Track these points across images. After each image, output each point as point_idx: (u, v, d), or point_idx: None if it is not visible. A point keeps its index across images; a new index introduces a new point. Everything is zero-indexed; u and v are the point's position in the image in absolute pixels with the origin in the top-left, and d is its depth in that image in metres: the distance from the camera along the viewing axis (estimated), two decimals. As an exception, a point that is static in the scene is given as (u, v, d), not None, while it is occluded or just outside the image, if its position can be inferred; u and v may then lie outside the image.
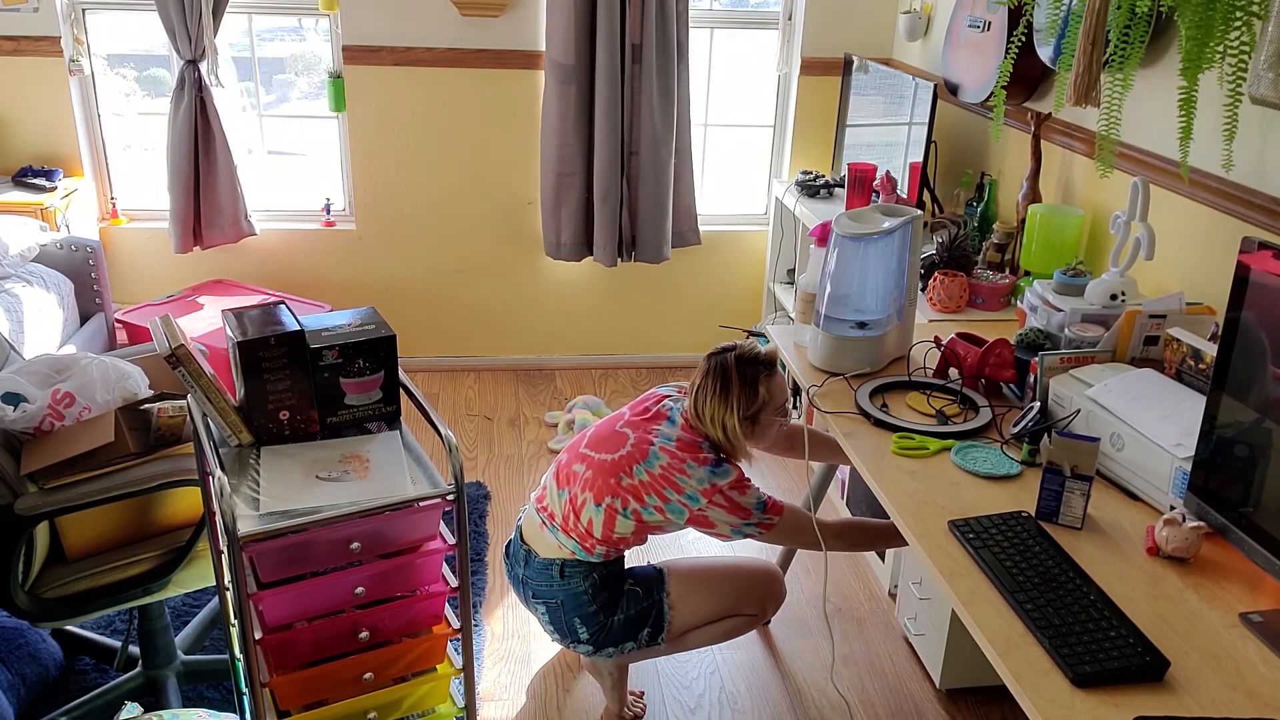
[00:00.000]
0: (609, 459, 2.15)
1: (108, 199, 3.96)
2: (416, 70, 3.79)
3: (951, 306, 2.72)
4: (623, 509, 2.11)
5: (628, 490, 2.11)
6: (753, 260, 4.22)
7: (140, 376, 2.17)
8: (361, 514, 1.58)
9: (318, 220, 4.05)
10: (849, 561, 3.02)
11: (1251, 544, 1.51)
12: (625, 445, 2.15)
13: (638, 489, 2.11)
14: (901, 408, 2.13)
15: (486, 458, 3.56)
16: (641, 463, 2.12)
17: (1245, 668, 1.41)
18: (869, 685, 2.53)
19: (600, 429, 2.23)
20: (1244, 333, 1.54)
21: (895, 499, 1.79)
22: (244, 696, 2.09)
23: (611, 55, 3.62)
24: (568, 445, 2.29)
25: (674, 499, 2.10)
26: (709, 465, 2.10)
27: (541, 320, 4.24)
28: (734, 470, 2.12)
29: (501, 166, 3.97)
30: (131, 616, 2.39)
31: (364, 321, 1.81)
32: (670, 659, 2.59)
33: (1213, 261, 2.27)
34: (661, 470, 2.10)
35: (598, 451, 2.18)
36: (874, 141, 3.54)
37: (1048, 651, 1.41)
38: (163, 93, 4.33)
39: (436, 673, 1.79)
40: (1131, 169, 2.51)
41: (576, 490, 2.17)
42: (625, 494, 2.11)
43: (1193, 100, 1.96)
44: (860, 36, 3.92)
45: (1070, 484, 1.71)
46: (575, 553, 2.17)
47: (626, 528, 2.13)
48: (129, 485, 1.96)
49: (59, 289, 3.41)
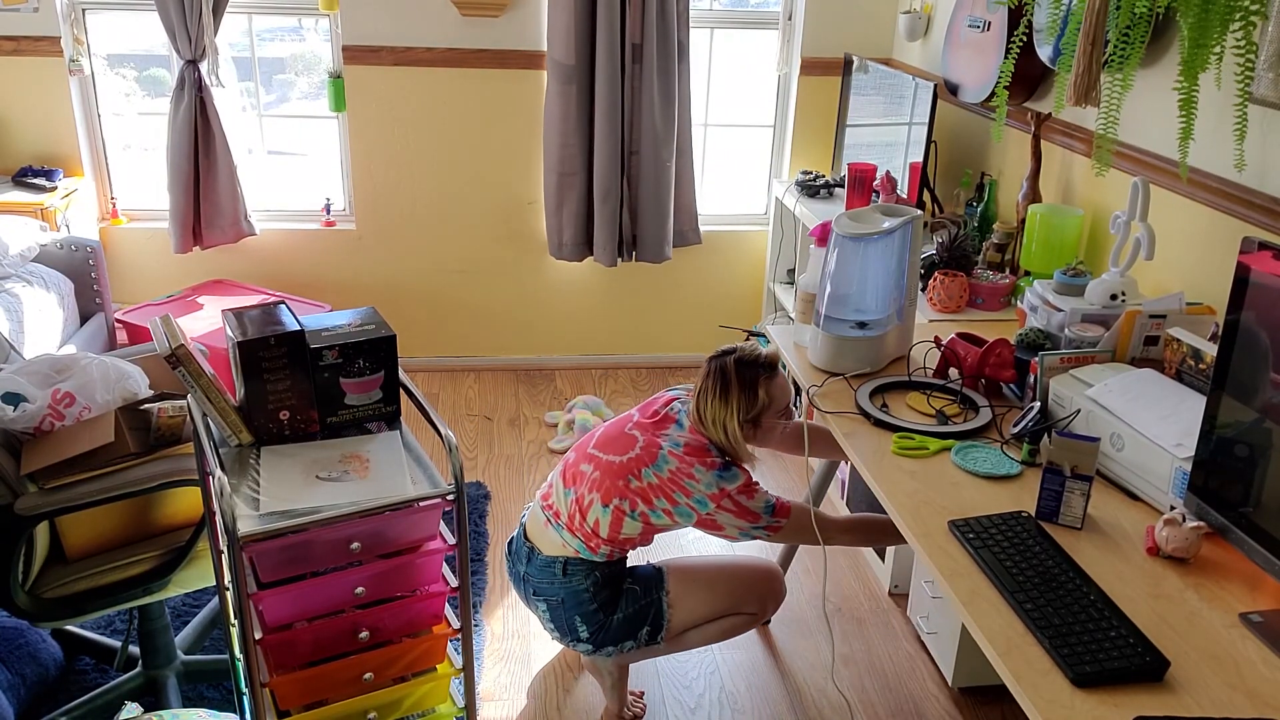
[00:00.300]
0: (617, 461, 2.15)
1: (108, 199, 3.96)
2: (416, 70, 3.79)
3: (951, 306, 2.72)
4: (630, 511, 2.11)
5: (636, 493, 2.11)
6: (753, 260, 4.22)
7: (140, 376, 2.17)
8: (361, 514, 1.58)
9: (318, 220, 4.05)
10: (849, 561, 3.02)
11: (1251, 544, 1.51)
12: (634, 448, 2.15)
13: (646, 492, 2.11)
14: (901, 408, 2.13)
15: (486, 458, 3.56)
16: (650, 465, 2.12)
17: (1245, 668, 1.41)
18: (869, 685, 2.53)
19: (609, 430, 2.23)
20: (1244, 333, 1.54)
21: (895, 499, 1.79)
22: (244, 696, 2.09)
23: (612, 55, 3.62)
24: (575, 444, 2.29)
25: (682, 502, 2.10)
26: (717, 469, 2.10)
27: (541, 320, 4.24)
28: (742, 474, 2.12)
29: (502, 166, 3.97)
30: (131, 616, 2.39)
31: (364, 321, 1.81)
32: (670, 659, 2.59)
33: (1213, 261, 2.27)
34: (670, 474, 2.10)
35: (606, 453, 2.18)
36: (874, 141, 3.54)
37: (1048, 651, 1.41)
38: (163, 93, 4.33)
39: (436, 673, 1.79)
40: (1131, 169, 2.51)
41: (584, 490, 2.16)
42: (634, 496, 2.11)
43: (1193, 100, 1.96)
44: (860, 36, 3.92)
45: (1070, 484, 1.71)
46: (579, 551, 2.17)
47: (634, 529, 2.13)
48: (129, 485, 1.96)
49: (59, 289, 3.41)
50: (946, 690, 2.51)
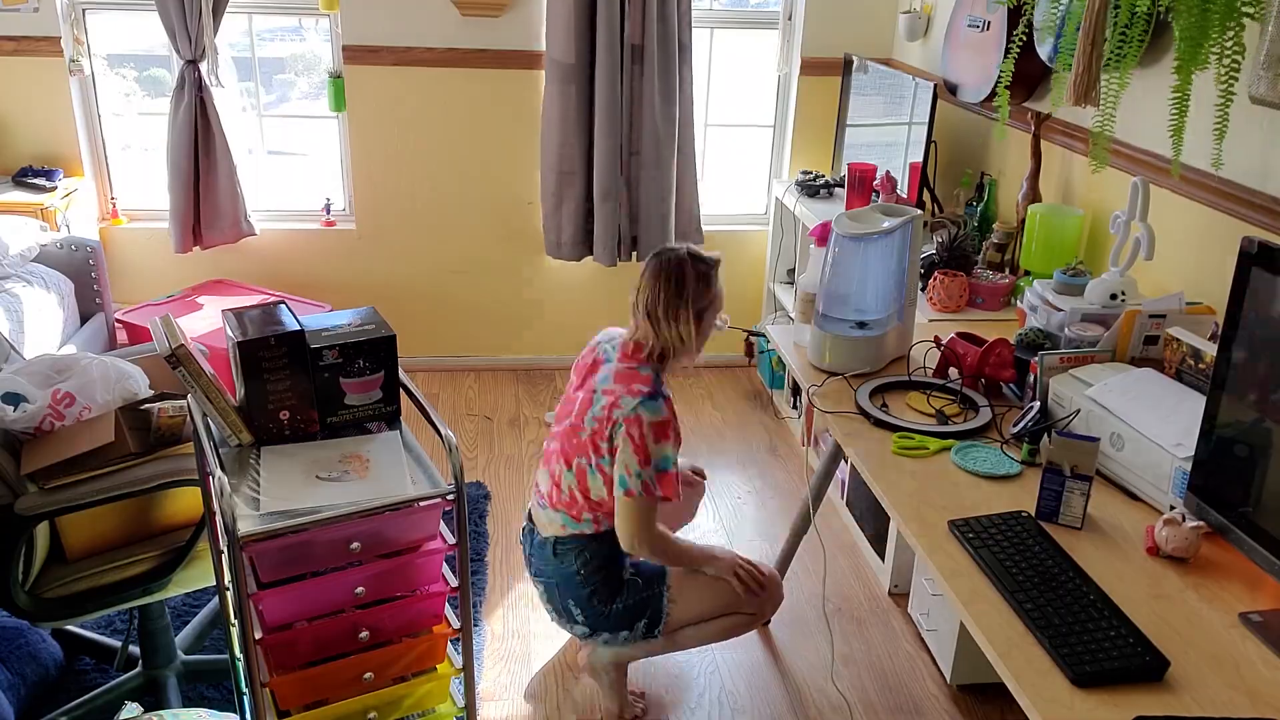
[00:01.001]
0: (568, 424, 2.23)
1: (108, 199, 3.96)
2: (416, 70, 3.79)
3: (951, 306, 2.72)
4: (589, 464, 2.16)
5: (588, 444, 2.16)
6: (753, 260, 4.22)
7: (140, 376, 2.17)
8: (361, 514, 1.58)
9: (318, 220, 4.05)
10: (849, 561, 3.02)
11: (1251, 544, 1.51)
12: (575, 405, 2.22)
13: (594, 438, 2.15)
14: (901, 407, 2.13)
15: (486, 458, 3.56)
16: (589, 410, 2.17)
17: (1245, 668, 1.41)
18: (869, 685, 2.53)
19: (560, 409, 2.32)
20: (1244, 333, 1.54)
21: (895, 499, 1.79)
22: (244, 696, 2.09)
23: (612, 55, 3.62)
24: None
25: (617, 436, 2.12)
26: (642, 396, 2.11)
27: (541, 320, 4.23)
28: (664, 411, 2.10)
29: (501, 166, 3.97)
30: (131, 616, 2.39)
31: (364, 321, 1.81)
32: (670, 659, 2.59)
33: (1212, 261, 2.27)
34: (604, 409, 2.14)
35: (559, 424, 2.27)
36: (874, 141, 3.54)
37: (1048, 651, 1.41)
38: (163, 93, 4.33)
39: (436, 673, 1.79)
40: (1131, 169, 2.51)
41: (554, 465, 2.24)
42: (586, 447, 2.16)
43: (1185, 99, 1.96)
44: (860, 36, 3.92)
45: (1070, 484, 1.71)
46: (566, 525, 2.22)
47: (598, 485, 2.16)
48: (129, 485, 1.96)
49: (59, 289, 3.41)
50: (946, 691, 2.51)
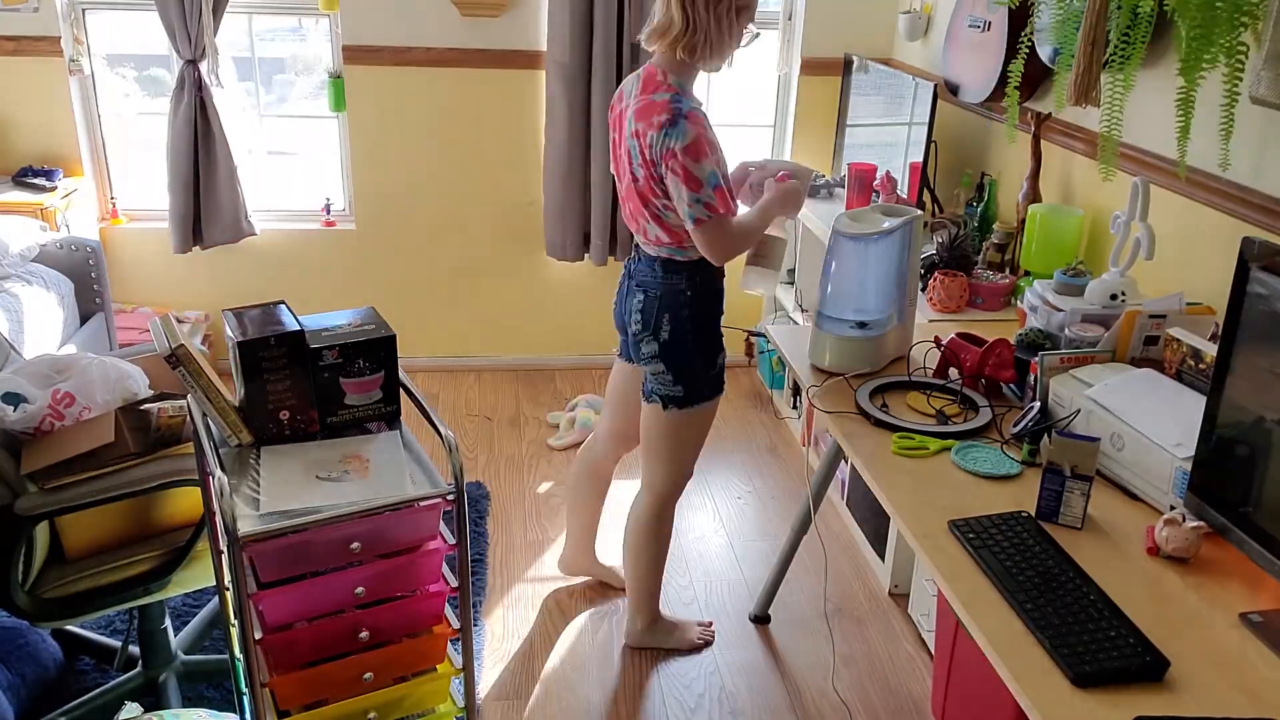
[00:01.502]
0: (627, 182, 2.28)
1: (108, 199, 3.96)
2: (416, 70, 3.79)
3: (951, 306, 2.72)
4: (661, 209, 2.22)
5: (647, 190, 2.21)
6: (753, 260, 4.22)
7: (140, 376, 2.17)
8: (361, 514, 1.58)
9: (318, 220, 4.05)
10: (849, 561, 3.02)
11: (1251, 544, 1.51)
12: (623, 159, 2.27)
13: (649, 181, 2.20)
14: (901, 408, 2.13)
15: (486, 458, 3.56)
16: (631, 161, 2.22)
17: (1245, 668, 1.41)
18: (868, 685, 2.53)
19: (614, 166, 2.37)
20: (1244, 333, 1.54)
21: (895, 499, 1.79)
22: (244, 696, 2.09)
23: (611, 55, 3.62)
24: None
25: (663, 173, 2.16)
26: (664, 128, 2.13)
27: (541, 320, 4.23)
28: (691, 131, 2.12)
29: (501, 166, 3.97)
30: (131, 616, 2.39)
31: (364, 321, 1.81)
32: (670, 658, 2.59)
33: (1213, 261, 2.26)
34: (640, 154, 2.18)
35: (620, 182, 2.33)
36: (874, 141, 3.54)
37: (1048, 651, 1.41)
38: (163, 93, 4.33)
39: (436, 673, 1.79)
40: (1132, 169, 2.51)
41: (640, 223, 2.30)
42: (648, 195, 2.22)
43: (1191, 100, 1.96)
44: (860, 36, 3.92)
45: (1070, 484, 1.70)
46: (674, 254, 2.29)
47: (678, 221, 2.22)
48: (129, 485, 1.96)
49: (59, 289, 3.40)
50: (946, 690, 2.51)
